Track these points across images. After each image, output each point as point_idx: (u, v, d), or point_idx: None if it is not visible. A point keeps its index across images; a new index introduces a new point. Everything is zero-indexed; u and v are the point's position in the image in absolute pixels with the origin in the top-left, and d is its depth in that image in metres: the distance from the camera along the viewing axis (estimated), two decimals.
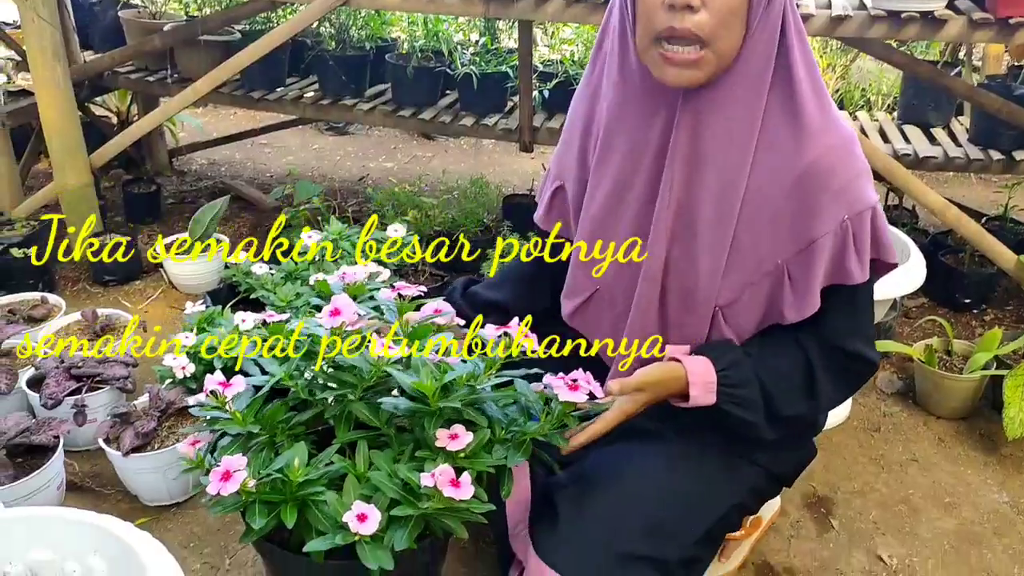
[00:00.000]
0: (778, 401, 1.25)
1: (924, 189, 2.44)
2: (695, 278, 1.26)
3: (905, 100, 3.21)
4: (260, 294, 2.31)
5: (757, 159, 1.20)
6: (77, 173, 2.94)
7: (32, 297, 2.55)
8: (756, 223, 1.22)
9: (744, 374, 1.24)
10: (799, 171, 1.18)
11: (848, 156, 1.20)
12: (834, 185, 1.19)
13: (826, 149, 1.18)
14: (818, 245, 1.20)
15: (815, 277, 1.22)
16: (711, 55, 1.13)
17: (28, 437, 1.80)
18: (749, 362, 1.25)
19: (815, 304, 1.23)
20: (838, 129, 1.20)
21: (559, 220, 1.45)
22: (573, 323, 1.43)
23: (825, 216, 1.19)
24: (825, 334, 1.26)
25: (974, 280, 2.82)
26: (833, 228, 1.20)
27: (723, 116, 1.19)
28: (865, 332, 1.30)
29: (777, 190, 1.20)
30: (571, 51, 3.44)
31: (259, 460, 1.23)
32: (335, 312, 1.24)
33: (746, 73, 1.17)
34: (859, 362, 1.29)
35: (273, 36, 2.75)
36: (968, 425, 2.29)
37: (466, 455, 1.21)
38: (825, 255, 1.21)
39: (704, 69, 1.14)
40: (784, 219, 1.21)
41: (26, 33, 2.74)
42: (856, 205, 1.20)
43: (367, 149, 4.68)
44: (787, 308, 1.24)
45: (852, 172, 1.20)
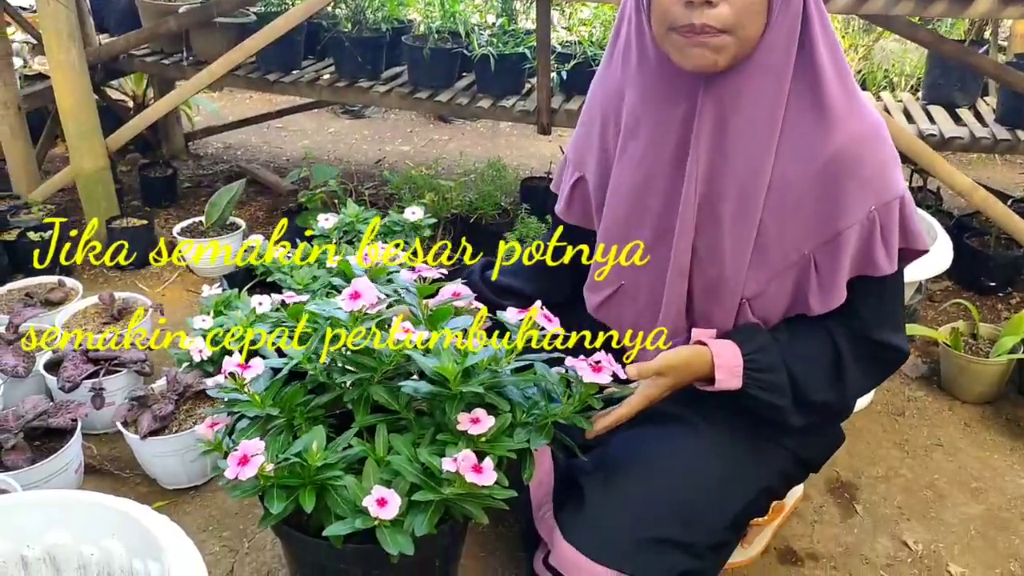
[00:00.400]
0: (805, 387, 1.23)
1: (950, 170, 2.39)
2: (721, 270, 1.23)
3: (930, 80, 3.15)
4: (277, 277, 2.29)
5: (781, 147, 1.17)
6: (93, 157, 2.93)
7: (49, 280, 2.54)
8: (781, 213, 1.19)
9: (771, 359, 1.21)
10: (825, 159, 1.15)
11: (876, 143, 1.17)
12: (861, 174, 1.15)
13: (853, 136, 1.15)
14: (844, 236, 1.17)
15: (842, 268, 1.19)
16: (732, 40, 1.10)
17: (46, 420, 1.80)
18: (777, 347, 1.22)
19: (841, 296, 1.21)
20: (865, 115, 1.17)
21: (581, 212, 1.42)
22: (599, 316, 1.41)
23: (852, 206, 1.16)
24: (854, 324, 1.24)
25: (1000, 263, 2.77)
26: (860, 219, 1.17)
27: (746, 104, 1.16)
28: (895, 321, 1.28)
29: (802, 179, 1.17)
30: (589, 32, 3.40)
31: (277, 444, 1.21)
32: (355, 295, 1.22)
33: (768, 60, 1.14)
34: (889, 351, 1.27)
35: (289, 17, 2.73)
36: (994, 409, 2.25)
37: (487, 439, 1.19)
38: (852, 246, 1.18)
39: (724, 54, 1.11)
40: (810, 209, 1.18)
41: (42, 15, 2.73)
42: (884, 194, 1.17)
43: (383, 132, 4.65)
44: (813, 299, 1.22)
45: (880, 160, 1.17)
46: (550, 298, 1.46)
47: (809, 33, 1.14)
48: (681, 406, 1.30)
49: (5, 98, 2.99)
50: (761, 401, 1.22)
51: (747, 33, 1.10)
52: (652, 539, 1.19)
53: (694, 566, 1.22)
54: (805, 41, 1.14)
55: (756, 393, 1.21)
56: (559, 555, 1.23)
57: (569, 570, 1.22)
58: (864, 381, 1.27)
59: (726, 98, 1.16)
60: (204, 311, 2.07)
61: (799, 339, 1.24)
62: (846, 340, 1.24)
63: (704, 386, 1.23)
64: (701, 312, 1.28)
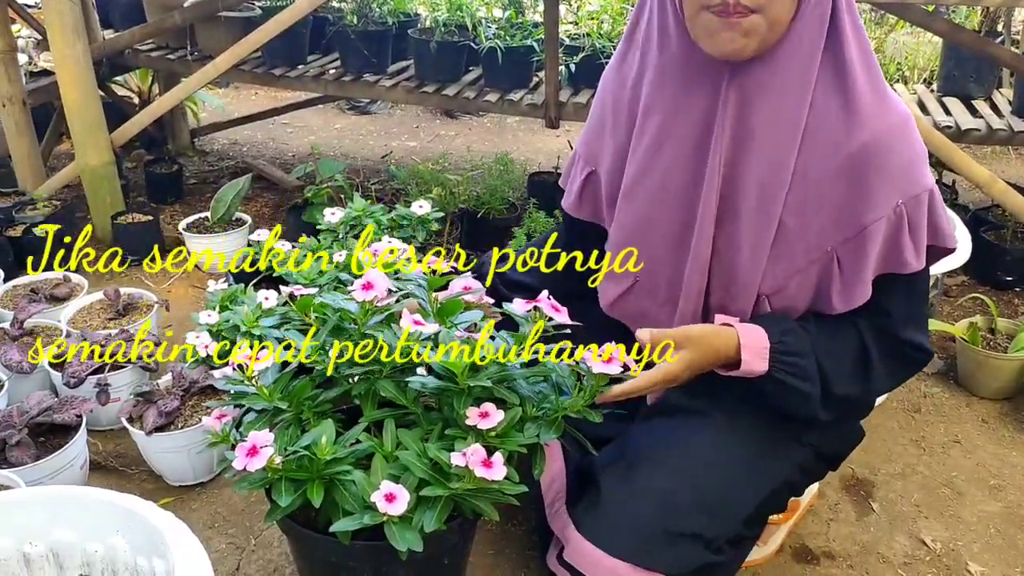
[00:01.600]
0: (832, 379, 1.20)
1: (969, 161, 2.35)
2: (740, 264, 1.20)
3: (945, 71, 3.11)
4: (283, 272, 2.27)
5: (805, 140, 1.14)
6: (98, 152, 2.91)
7: (55, 276, 2.52)
8: (804, 207, 1.16)
9: (801, 343, 1.18)
10: (850, 151, 1.12)
11: (904, 136, 1.14)
12: (888, 167, 1.12)
13: (880, 129, 1.12)
14: (870, 231, 1.14)
15: (866, 265, 1.16)
16: (762, 22, 1.06)
17: (51, 416, 1.78)
18: (806, 333, 1.19)
19: (865, 294, 1.17)
20: (893, 108, 1.14)
21: (592, 209, 1.39)
22: (613, 313, 1.38)
23: (878, 200, 1.13)
24: (882, 322, 1.21)
25: (1017, 257, 2.73)
26: (887, 213, 1.14)
27: (771, 95, 1.13)
28: (921, 320, 1.25)
29: (826, 172, 1.14)
30: (598, 24, 3.36)
31: (285, 437, 1.19)
32: (367, 286, 1.20)
33: (795, 50, 1.11)
34: (915, 350, 1.24)
35: (294, 10, 2.70)
36: (1013, 405, 2.21)
37: (497, 434, 1.16)
38: (878, 242, 1.15)
39: (754, 37, 1.08)
40: (833, 203, 1.15)
41: (46, 10, 2.71)
42: (912, 188, 1.14)
43: (389, 128, 4.63)
44: (836, 297, 1.19)
45: (908, 153, 1.14)
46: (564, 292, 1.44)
47: (838, 25, 1.11)
48: (700, 400, 1.27)
49: (10, 93, 2.97)
50: (788, 387, 1.18)
51: (777, 14, 1.07)
52: (671, 532, 1.16)
53: (713, 560, 1.19)
54: (833, 33, 1.11)
55: (783, 378, 1.17)
56: (574, 550, 1.20)
57: (585, 565, 1.19)
58: (888, 379, 1.24)
59: (751, 88, 1.13)
60: (210, 306, 2.04)
61: (826, 331, 1.21)
62: (873, 337, 1.21)
63: (727, 371, 1.19)
64: (718, 307, 1.25)
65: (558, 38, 2.99)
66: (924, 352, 1.25)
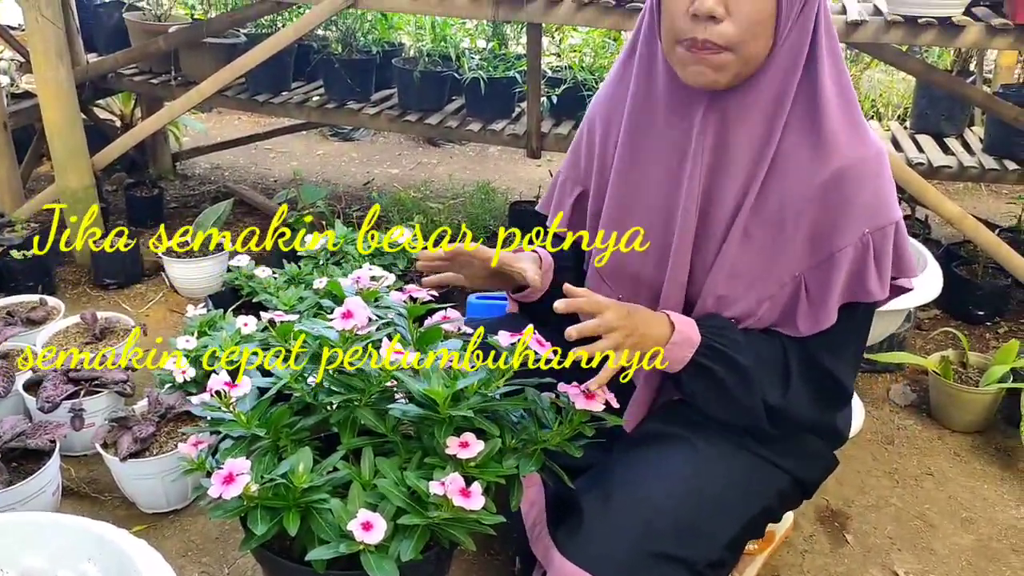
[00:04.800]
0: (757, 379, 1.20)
1: (940, 198, 2.40)
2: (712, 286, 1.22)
3: (918, 109, 3.18)
4: (263, 298, 2.27)
5: (778, 168, 1.17)
6: (79, 175, 2.90)
7: (31, 299, 2.51)
8: (777, 234, 1.19)
9: (721, 321, 1.21)
10: (822, 180, 1.15)
11: (876, 169, 1.17)
12: (859, 197, 1.15)
13: (853, 160, 1.15)
14: (837, 258, 1.16)
15: (832, 291, 1.18)
16: (734, 59, 1.09)
17: (24, 441, 1.76)
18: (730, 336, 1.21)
19: (830, 319, 1.19)
20: (867, 142, 1.17)
21: (580, 227, 1.41)
22: None
23: (847, 228, 1.16)
24: (808, 343, 1.22)
25: (988, 292, 2.78)
26: (853, 241, 1.16)
27: (746, 122, 1.16)
28: (851, 355, 1.26)
29: (798, 200, 1.16)
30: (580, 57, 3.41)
31: (262, 464, 1.19)
32: (347, 315, 1.20)
33: (770, 82, 1.14)
34: (833, 382, 1.24)
35: (279, 38, 2.72)
36: (984, 439, 2.24)
37: (476, 464, 1.17)
38: (844, 269, 1.17)
39: (726, 72, 1.11)
40: (805, 230, 1.17)
41: (30, 33, 2.71)
42: (880, 220, 1.16)
43: (372, 155, 4.65)
44: (801, 320, 1.21)
45: (878, 186, 1.17)
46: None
47: (816, 57, 1.14)
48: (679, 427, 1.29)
49: None
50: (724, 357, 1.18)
51: (750, 52, 1.10)
52: (653, 553, 1.16)
53: None
54: (811, 65, 1.14)
55: (717, 345, 1.18)
56: (557, 572, 1.20)
57: None
58: (806, 400, 1.23)
59: (728, 115, 1.16)
60: (189, 331, 2.04)
61: (752, 337, 1.23)
62: (796, 356, 1.22)
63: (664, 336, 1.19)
64: None
65: (540, 70, 3.03)
66: (841, 388, 1.24)
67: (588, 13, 2.38)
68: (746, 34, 1.07)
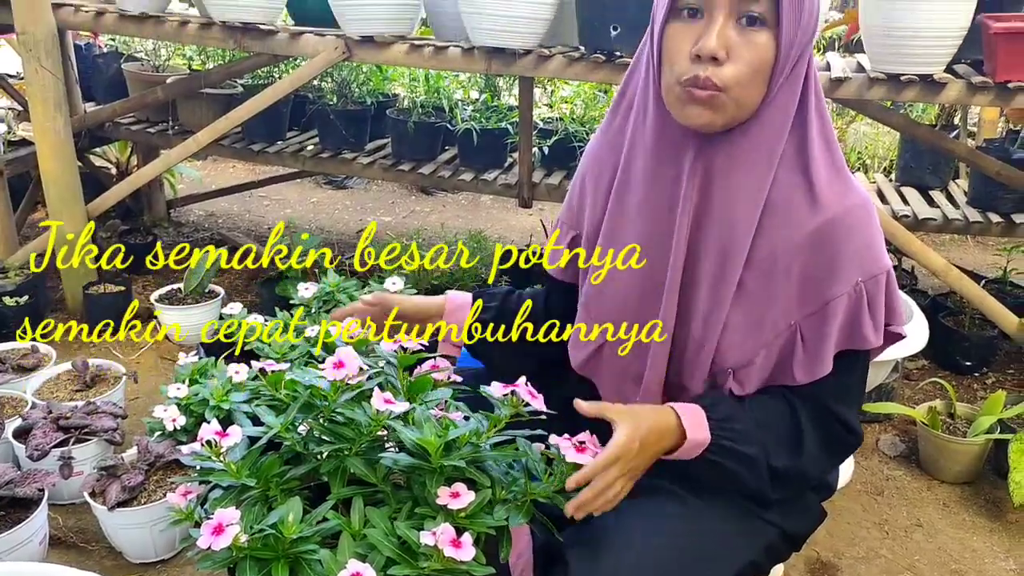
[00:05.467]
0: (769, 451, 1.22)
1: (925, 250, 2.43)
2: (698, 331, 1.24)
3: (903, 162, 3.24)
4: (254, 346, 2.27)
5: (768, 216, 1.19)
6: (74, 222, 2.92)
7: (22, 346, 2.51)
8: (769, 282, 1.20)
9: (734, 409, 1.21)
10: (813, 228, 1.17)
11: (865, 218, 1.19)
12: (850, 245, 1.17)
13: (842, 209, 1.17)
14: (832, 307, 1.18)
15: (828, 339, 1.19)
16: (731, 101, 1.12)
17: (12, 489, 1.75)
18: (734, 400, 1.22)
19: (827, 366, 1.21)
20: (855, 191, 1.19)
21: (574, 270, 1.43)
22: (583, 371, 1.41)
23: (840, 276, 1.18)
24: (817, 393, 1.23)
25: (975, 343, 2.80)
26: (847, 290, 1.18)
27: (737, 168, 1.18)
28: (856, 401, 1.28)
29: (790, 248, 1.18)
30: (571, 109, 3.47)
31: (252, 514, 1.19)
32: (339, 365, 1.21)
33: (763, 130, 1.16)
34: (845, 429, 1.25)
35: (275, 90, 2.76)
36: (973, 490, 2.25)
37: (466, 515, 1.17)
38: (839, 318, 1.19)
39: (722, 114, 1.13)
40: (797, 278, 1.19)
41: (29, 83, 2.75)
42: (872, 268, 1.19)
43: (365, 203, 4.68)
44: (798, 369, 1.22)
45: (868, 234, 1.19)
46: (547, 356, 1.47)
47: (805, 110, 1.17)
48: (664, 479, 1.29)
49: None
50: (734, 453, 1.20)
51: (745, 97, 1.12)
52: None
53: None
54: (800, 116, 1.17)
55: (728, 444, 1.19)
56: None
57: None
58: (820, 454, 1.25)
59: (717, 161, 1.19)
60: (180, 379, 2.04)
61: (757, 402, 1.24)
62: (804, 410, 1.24)
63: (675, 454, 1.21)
64: (681, 372, 1.28)
65: (532, 121, 3.08)
66: (852, 433, 1.26)
67: (578, 68, 2.43)
68: (744, 78, 1.10)
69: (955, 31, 2.21)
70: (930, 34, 2.19)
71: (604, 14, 2.33)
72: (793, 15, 1.09)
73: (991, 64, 2.24)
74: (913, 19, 2.17)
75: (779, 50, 1.10)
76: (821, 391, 1.23)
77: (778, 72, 1.12)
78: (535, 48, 2.46)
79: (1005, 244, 3.09)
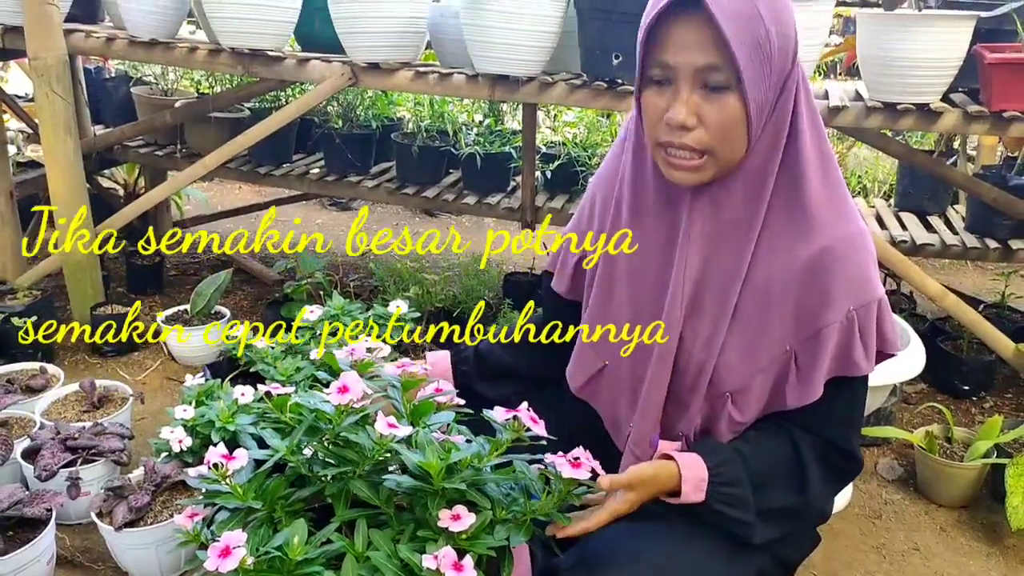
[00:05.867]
0: (769, 495, 1.25)
1: (922, 275, 2.46)
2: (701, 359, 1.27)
3: (901, 188, 3.27)
4: (260, 368, 2.30)
5: (764, 247, 1.22)
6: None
7: (30, 367, 2.54)
8: (767, 310, 1.23)
9: (736, 472, 1.23)
10: (807, 258, 1.20)
11: (859, 247, 1.22)
12: (843, 274, 1.20)
13: (836, 239, 1.20)
14: (825, 333, 1.21)
15: (821, 365, 1.22)
16: (712, 161, 1.16)
17: (21, 509, 1.77)
18: (740, 460, 1.24)
19: (817, 392, 1.23)
20: (849, 221, 1.22)
21: (580, 289, 1.46)
22: (582, 395, 1.44)
23: (832, 305, 1.20)
24: (818, 424, 1.26)
25: (973, 367, 2.82)
26: (840, 318, 1.21)
27: (731, 208, 1.22)
28: (856, 426, 1.30)
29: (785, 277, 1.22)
30: (574, 134, 3.52)
31: (257, 536, 1.21)
32: (343, 389, 1.24)
33: (751, 169, 1.20)
34: (845, 456, 1.28)
35: (282, 115, 2.81)
36: (970, 514, 2.26)
37: (468, 536, 1.19)
38: (831, 345, 1.22)
39: (705, 173, 1.18)
40: (792, 306, 1.22)
41: (40, 107, 2.80)
42: (864, 296, 1.21)
43: (370, 224, 4.72)
44: (790, 393, 1.25)
45: (861, 263, 1.22)
46: (544, 374, 1.52)
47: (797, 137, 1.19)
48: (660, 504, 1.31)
49: None
50: (725, 517, 1.24)
51: (727, 154, 1.16)
52: None
53: None
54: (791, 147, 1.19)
55: (720, 508, 1.23)
56: None
57: None
58: (824, 487, 1.28)
59: (711, 202, 1.22)
60: (186, 401, 2.07)
61: (760, 446, 1.27)
62: (808, 444, 1.26)
63: (670, 499, 1.25)
64: (680, 400, 1.31)
65: (535, 145, 3.13)
66: (853, 460, 1.28)
67: (580, 95, 2.47)
68: (718, 139, 1.14)
69: (951, 61, 2.25)
70: (926, 64, 2.23)
71: (606, 43, 2.38)
72: (757, 74, 1.11)
73: (986, 93, 2.28)
74: (909, 50, 2.21)
75: (748, 107, 1.12)
76: (822, 419, 1.26)
77: (754, 124, 1.15)
78: (538, 75, 2.51)
79: (1004, 268, 3.11)
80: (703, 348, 1.26)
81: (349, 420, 1.28)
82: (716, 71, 1.10)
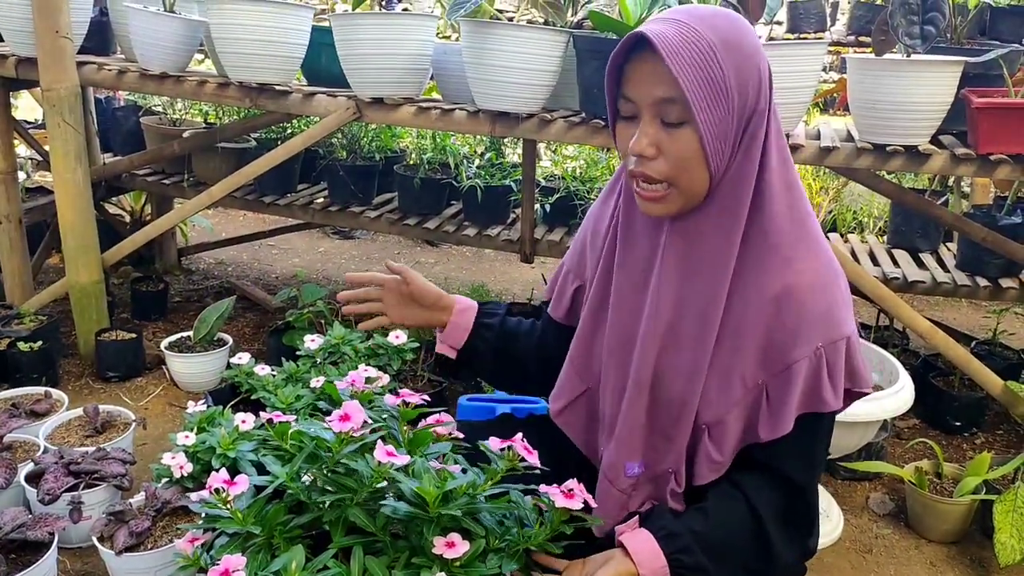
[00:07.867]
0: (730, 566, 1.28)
1: (912, 313, 2.51)
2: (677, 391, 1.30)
3: (894, 226, 3.32)
4: (261, 395, 2.34)
5: (737, 281, 1.27)
6: (88, 270, 3.01)
7: (35, 392, 2.58)
8: (739, 344, 1.27)
9: (694, 559, 1.26)
10: (775, 294, 1.24)
11: (828, 283, 1.26)
12: (810, 310, 1.23)
13: (802, 275, 1.24)
14: (794, 369, 1.24)
15: (791, 400, 1.25)
16: (676, 192, 1.22)
17: (23, 533, 1.81)
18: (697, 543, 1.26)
19: (788, 426, 1.26)
20: (819, 257, 1.26)
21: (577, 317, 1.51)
22: (559, 421, 1.47)
23: (800, 340, 1.24)
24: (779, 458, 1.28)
25: (964, 403, 2.86)
26: (808, 354, 1.24)
27: (703, 241, 1.27)
28: (818, 464, 1.32)
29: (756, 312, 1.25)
30: (574, 168, 3.58)
31: (256, 562, 1.24)
32: (345, 417, 1.28)
33: (722, 203, 1.25)
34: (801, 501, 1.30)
35: (288, 147, 2.87)
36: (960, 549, 2.29)
37: (461, 564, 1.23)
38: (800, 380, 1.25)
39: (671, 203, 1.24)
40: (763, 340, 1.26)
41: (51, 137, 2.86)
42: (832, 333, 1.24)
43: (371, 253, 4.78)
44: (762, 427, 1.28)
45: (828, 299, 1.25)
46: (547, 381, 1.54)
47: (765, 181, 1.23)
48: None
49: (8, 212, 3.10)
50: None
51: (687, 184, 1.22)
52: None
53: None
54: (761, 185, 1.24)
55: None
56: None
57: None
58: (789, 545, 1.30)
59: (685, 236, 1.27)
60: (188, 427, 2.10)
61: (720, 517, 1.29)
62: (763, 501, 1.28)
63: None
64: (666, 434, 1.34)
65: (535, 179, 3.19)
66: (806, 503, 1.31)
67: (578, 132, 2.53)
68: (677, 169, 1.20)
69: (939, 105, 2.31)
70: (915, 108, 2.29)
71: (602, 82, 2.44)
72: (711, 109, 1.16)
73: (974, 136, 2.33)
74: (899, 94, 2.27)
75: (703, 141, 1.18)
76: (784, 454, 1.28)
77: (713, 157, 1.20)
78: (538, 112, 2.57)
79: (996, 305, 3.15)
80: (686, 383, 1.30)
81: (349, 448, 1.31)
82: (671, 104, 1.17)
